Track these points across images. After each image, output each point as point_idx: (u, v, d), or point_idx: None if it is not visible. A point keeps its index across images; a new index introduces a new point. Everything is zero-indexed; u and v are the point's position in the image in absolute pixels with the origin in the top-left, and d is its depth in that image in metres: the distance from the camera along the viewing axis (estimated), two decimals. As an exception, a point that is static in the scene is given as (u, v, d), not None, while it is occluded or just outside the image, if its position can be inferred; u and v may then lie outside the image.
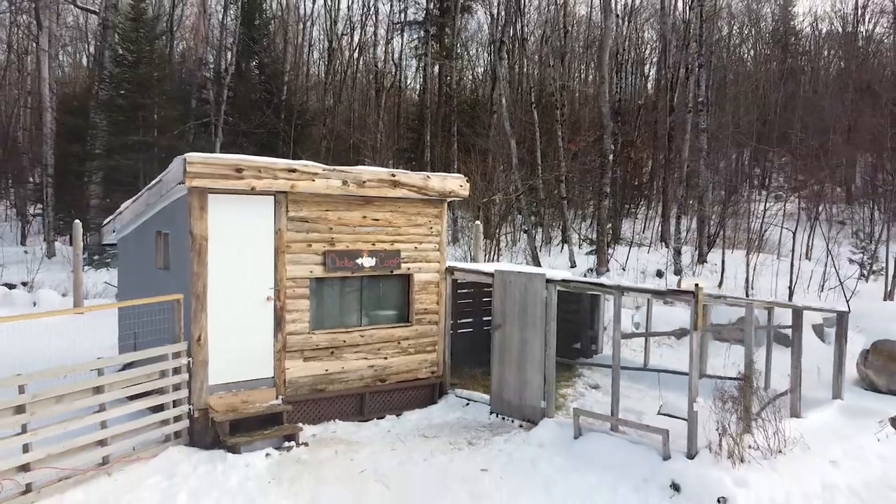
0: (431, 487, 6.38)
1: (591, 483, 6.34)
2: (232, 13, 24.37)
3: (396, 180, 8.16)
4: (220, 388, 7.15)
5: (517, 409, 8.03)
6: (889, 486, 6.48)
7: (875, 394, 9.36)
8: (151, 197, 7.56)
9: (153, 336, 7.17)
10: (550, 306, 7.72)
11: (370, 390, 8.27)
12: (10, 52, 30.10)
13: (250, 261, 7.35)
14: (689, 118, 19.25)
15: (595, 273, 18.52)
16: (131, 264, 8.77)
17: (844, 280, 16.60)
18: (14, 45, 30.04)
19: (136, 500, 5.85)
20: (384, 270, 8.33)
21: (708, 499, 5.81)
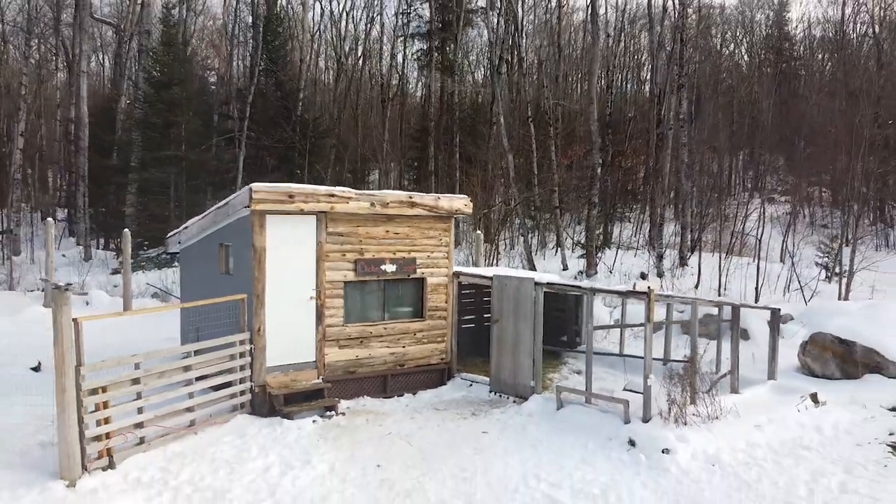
0: (443, 445, 8.14)
1: (569, 442, 8.10)
2: (248, 28, 26.17)
3: (413, 201, 9.93)
4: (274, 369, 8.91)
5: (511, 387, 9.79)
6: (801, 446, 8.21)
7: (811, 378, 11.08)
8: (218, 216, 9.33)
9: (215, 329, 8.92)
10: (538, 304, 9.48)
11: (391, 373, 10.04)
12: (40, 67, 31.88)
13: (297, 267, 9.11)
14: (670, 134, 20.95)
15: (584, 275, 20.29)
16: (194, 270, 10.54)
17: (806, 282, 18.39)
18: (39, 60, 31.79)
19: (218, 451, 7.61)
20: (403, 275, 10.09)
21: (655, 450, 7.56)
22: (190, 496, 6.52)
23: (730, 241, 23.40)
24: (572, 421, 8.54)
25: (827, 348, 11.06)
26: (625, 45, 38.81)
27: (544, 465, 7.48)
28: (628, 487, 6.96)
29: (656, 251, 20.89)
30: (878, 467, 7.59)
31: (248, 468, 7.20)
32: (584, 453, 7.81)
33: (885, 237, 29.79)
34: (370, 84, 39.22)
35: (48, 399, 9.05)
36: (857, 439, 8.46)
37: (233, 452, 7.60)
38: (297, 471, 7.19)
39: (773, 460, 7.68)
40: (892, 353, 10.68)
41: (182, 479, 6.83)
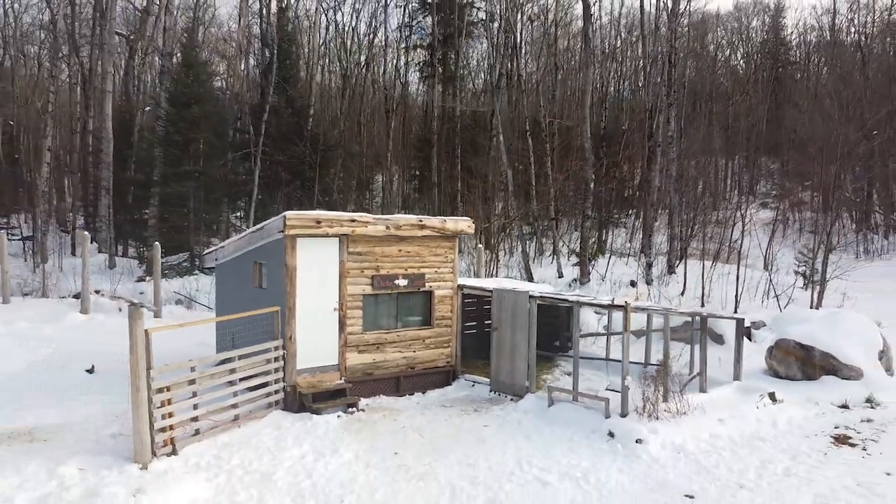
0: (450, 436, 9.45)
1: (557, 433, 9.42)
2: (260, 50, 27.52)
3: (423, 224, 11.25)
4: (303, 371, 10.23)
5: (509, 387, 11.11)
6: (757, 438, 9.52)
7: (776, 379, 12.37)
8: (254, 238, 10.66)
9: (248, 336, 10.23)
10: (532, 315, 10.80)
11: (404, 374, 11.36)
12: (57, 82, 33.18)
13: (323, 283, 10.42)
14: (659, 151, 22.28)
15: (578, 283, 21.61)
16: (229, 284, 11.85)
17: (784, 290, 19.72)
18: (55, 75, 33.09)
19: (260, 441, 8.92)
20: (413, 288, 11.41)
21: (630, 441, 8.87)
22: (242, 477, 7.84)
23: (717, 249, 24.75)
24: (561, 416, 9.87)
25: (790, 353, 12.37)
26: (622, 52, 40.11)
27: (536, 453, 8.80)
28: (606, 471, 8.28)
29: (646, 260, 22.20)
30: (820, 455, 8.92)
31: (286, 455, 8.52)
32: (571, 443, 9.13)
33: (867, 244, 30.95)
34: (373, 91, 40.45)
35: (107, 397, 10.46)
36: (806, 432, 9.79)
37: (272, 442, 8.92)
38: (327, 457, 8.51)
39: (730, 450, 9.00)
40: (846, 357, 11.97)
41: (233, 464, 8.15)
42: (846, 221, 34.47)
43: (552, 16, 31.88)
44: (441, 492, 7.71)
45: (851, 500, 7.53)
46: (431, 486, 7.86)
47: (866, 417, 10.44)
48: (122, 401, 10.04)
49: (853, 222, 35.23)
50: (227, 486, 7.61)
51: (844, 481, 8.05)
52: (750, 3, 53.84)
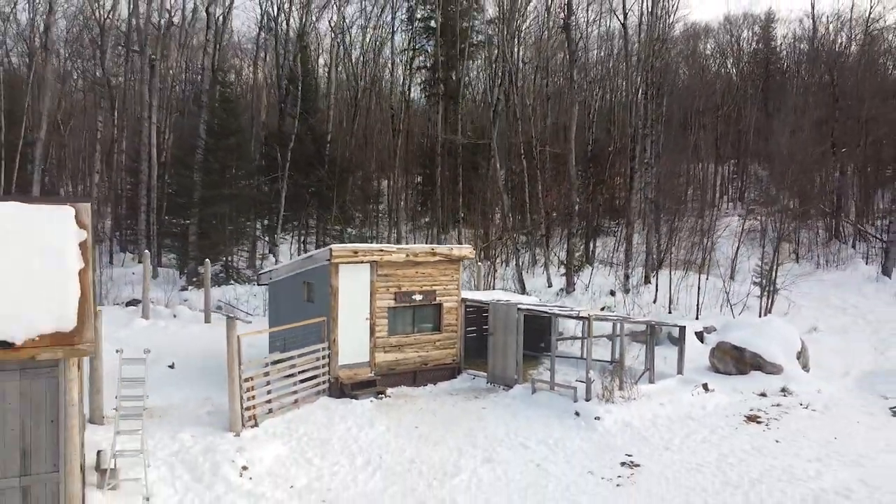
0: (457, 415, 12.39)
1: (537, 413, 12.35)
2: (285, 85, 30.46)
3: (434, 251, 14.21)
4: (344, 367, 13.17)
5: (502, 379, 14.05)
6: (687, 417, 12.44)
7: (716, 374, 15.25)
8: (304, 263, 13.61)
9: (297, 340, 13.14)
10: (519, 323, 13.74)
11: (419, 370, 14.29)
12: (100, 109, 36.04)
13: (358, 298, 13.36)
14: (637, 177, 25.19)
15: (565, 292, 24.56)
16: (282, 299, 14.78)
17: (741, 299, 22.64)
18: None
19: (316, 418, 11.83)
20: (426, 302, 14.34)
21: (590, 418, 11.79)
22: (307, 442, 10.77)
23: (690, 260, 27.72)
24: (541, 401, 12.82)
25: (727, 353, 15.32)
26: (613, 70, 42.77)
27: (521, 427, 11.74)
28: (571, 439, 11.21)
29: (624, 272, 25.16)
30: (731, 429, 11.88)
31: (336, 428, 11.46)
32: (547, 420, 12.07)
33: (828, 256, 33.57)
34: (378, 106, 43.09)
35: (190, 387, 13.34)
36: (727, 413, 12.74)
37: (324, 419, 11.85)
38: (366, 430, 11.45)
39: (665, 425, 11.95)
40: (770, 356, 14.91)
41: (300, 433, 11.09)
42: (821, 231, 37.08)
43: (543, 50, 34.76)
44: (451, 452, 10.65)
45: (743, 457, 10.49)
46: (444, 448, 10.81)
47: (777, 403, 13.40)
48: (203, 390, 13.03)
49: (826, 231, 37.93)
50: (298, 447, 10.55)
51: (743, 446, 11.02)
52: (740, 16, 56.40)
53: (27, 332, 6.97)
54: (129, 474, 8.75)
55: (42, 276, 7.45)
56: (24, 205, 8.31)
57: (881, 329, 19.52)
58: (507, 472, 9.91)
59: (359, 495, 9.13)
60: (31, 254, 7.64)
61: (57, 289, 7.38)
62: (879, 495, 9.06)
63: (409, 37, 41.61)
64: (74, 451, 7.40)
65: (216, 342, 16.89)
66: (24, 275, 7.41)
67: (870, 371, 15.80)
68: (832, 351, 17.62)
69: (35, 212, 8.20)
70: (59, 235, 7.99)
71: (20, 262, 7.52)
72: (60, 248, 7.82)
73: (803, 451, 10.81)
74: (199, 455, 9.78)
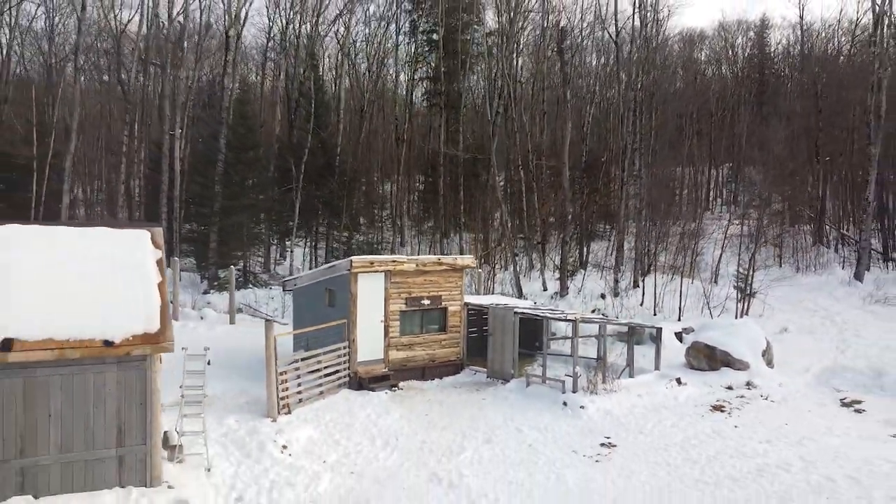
0: (460, 405, 14.18)
1: (531, 403, 14.13)
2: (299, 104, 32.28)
3: (440, 261, 16.01)
4: (362, 363, 14.96)
5: (500, 374, 15.84)
6: (661, 406, 14.21)
7: (690, 370, 16.95)
8: (326, 272, 15.41)
9: (319, 340, 14.93)
10: (515, 325, 15.53)
11: (427, 366, 16.09)
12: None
13: (373, 303, 15.15)
14: (625, 189, 27.00)
15: (559, 295, 26.35)
16: (305, 304, 16.57)
17: (721, 302, 24.42)
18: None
19: (339, 406, 13.61)
20: (433, 306, 16.13)
21: (576, 407, 13.57)
22: (334, 426, 12.55)
23: (677, 264, 29.49)
24: (534, 392, 14.62)
25: (700, 351, 17.07)
26: (608, 79, 44.43)
27: (516, 415, 13.53)
28: (559, 424, 12.99)
29: (614, 276, 26.97)
30: (698, 416, 13.67)
31: (358, 415, 13.25)
32: (539, 409, 13.85)
33: (800, 261, 35.04)
34: (381, 110, 44.78)
35: (227, 381, 15.10)
36: (696, 403, 14.53)
37: (346, 407, 13.64)
38: (383, 416, 13.24)
39: (641, 413, 13.74)
40: (738, 354, 16.64)
41: (327, 419, 12.87)
42: (807, 236, 38.72)
43: (539, 71, 36.56)
44: (456, 435, 12.44)
45: (704, 439, 12.29)
46: (450, 432, 12.60)
47: (741, 395, 15.19)
48: (238, 383, 14.75)
49: (812, 236, 39.60)
50: (326, 430, 12.35)
51: (706, 430, 12.81)
52: (734, 23, 58.19)
53: (123, 333, 8.79)
54: (192, 450, 10.54)
55: (131, 288, 9.27)
56: (111, 229, 10.11)
57: (845, 330, 21.28)
58: (504, 451, 11.71)
59: (380, 469, 10.93)
60: (121, 269, 9.46)
61: (143, 298, 9.19)
62: (812, 468, 10.84)
63: (412, 49, 43.55)
64: (157, 428, 9.23)
65: (242, 341, 18.73)
66: (116, 287, 9.22)
67: (828, 368, 17.55)
68: (798, 349, 19.36)
69: (120, 235, 10.01)
70: (141, 254, 9.81)
71: (113, 276, 9.34)
72: (142, 264, 9.64)
73: (756, 434, 12.60)
74: (245, 436, 11.57)
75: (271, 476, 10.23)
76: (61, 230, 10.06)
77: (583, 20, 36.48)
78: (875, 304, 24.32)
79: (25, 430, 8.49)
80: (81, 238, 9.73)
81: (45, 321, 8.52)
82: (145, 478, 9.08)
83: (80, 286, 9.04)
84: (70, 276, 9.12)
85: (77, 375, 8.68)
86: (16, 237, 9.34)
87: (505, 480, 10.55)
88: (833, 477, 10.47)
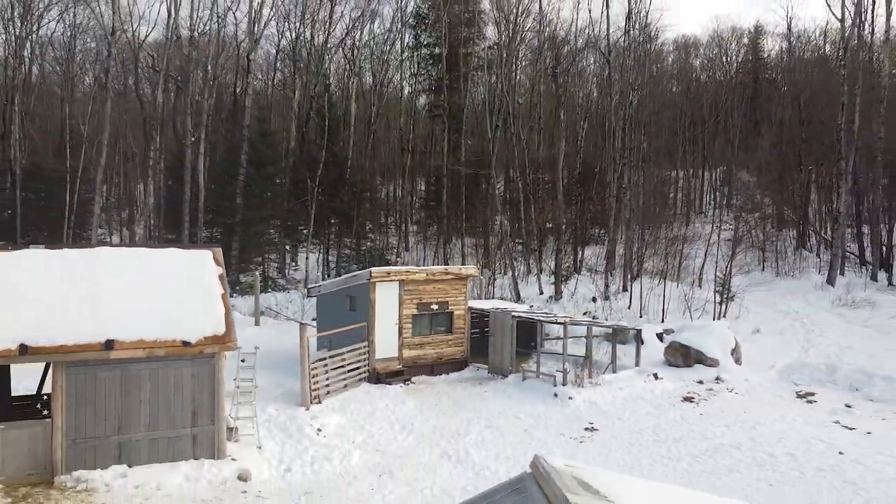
0: (465, 397, 16.30)
1: (526, 394, 16.25)
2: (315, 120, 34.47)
3: (447, 271, 18.13)
4: (379, 360, 17.07)
5: (500, 370, 17.95)
6: (639, 398, 16.31)
7: (668, 367, 19.05)
8: (347, 281, 17.52)
9: (340, 340, 17.04)
10: (513, 327, 17.64)
11: (435, 363, 18.19)
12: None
13: (389, 308, 17.26)
14: (614, 202, 29.08)
15: (554, 299, 28.45)
16: (328, 309, 18.67)
17: (702, 305, 26.51)
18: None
19: (361, 398, 15.72)
20: (441, 310, 18.24)
21: (565, 398, 15.68)
22: (358, 414, 14.66)
23: (664, 267, 31.59)
24: (529, 386, 16.74)
25: (676, 350, 19.20)
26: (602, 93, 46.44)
27: (513, 405, 15.64)
28: (550, 413, 15.10)
29: (604, 281, 29.08)
30: (670, 406, 15.78)
31: (377, 404, 15.37)
32: (533, 400, 15.98)
33: (779, 267, 37.02)
34: (385, 121, 46.82)
35: (262, 376, 17.19)
36: (670, 395, 16.64)
37: (367, 398, 15.75)
38: (399, 406, 15.35)
39: (621, 404, 15.85)
40: (709, 352, 18.75)
41: (352, 408, 14.99)
42: (791, 240, 40.74)
43: (535, 94, 38.74)
44: (462, 422, 14.55)
45: (673, 424, 14.41)
46: (457, 419, 14.72)
47: (710, 388, 17.29)
48: (272, 377, 16.80)
49: (795, 240, 41.61)
50: (352, 417, 14.47)
51: (675, 417, 14.93)
52: (728, 30, 60.00)
53: (197, 335, 10.91)
54: (244, 432, 12.65)
55: (200, 298, 11.39)
56: (181, 250, 12.25)
57: (812, 331, 23.39)
58: (503, 434, 13.83)
59: (400, 448, 13.05)
60: (192, 283, 11.58)
61: (210, 306, 11.32)
62: (759, 448, 12.95)
63: (415, 63, 45.73)
64: (222, 412, 11.35)
65: (269, 341, 20.81)
66: (190, 298, 11.35)
67: (790, 364, 19.62)
68: (768, 348, 21.47)
69: (189, 255, 12.14)
70: (206, 271, 11.93)
71: (186, 289, 11.47)
72: (209, 279, 11.76)
73: (717, 420, 14.72)
74: (285, 421, 13.69)
75: (311, 453, 12.34)
76: (143, 251, 12.21)
77: (577, 39, 38.51)
78: (843, 306, 26.39)
79: (122, 412, 10.61)
80: (159, 257, 11.85)
81: (136, 326, 10.64)
82: (213, 452, 11.19)
83: (161, 297, 11.16)
84: (153, 288, 11.24)
85: (161, 369, 10.80)
86: (109, 258, 11.46)
87: (503, 457, 12.66)
88: (775, 454, 12.58)
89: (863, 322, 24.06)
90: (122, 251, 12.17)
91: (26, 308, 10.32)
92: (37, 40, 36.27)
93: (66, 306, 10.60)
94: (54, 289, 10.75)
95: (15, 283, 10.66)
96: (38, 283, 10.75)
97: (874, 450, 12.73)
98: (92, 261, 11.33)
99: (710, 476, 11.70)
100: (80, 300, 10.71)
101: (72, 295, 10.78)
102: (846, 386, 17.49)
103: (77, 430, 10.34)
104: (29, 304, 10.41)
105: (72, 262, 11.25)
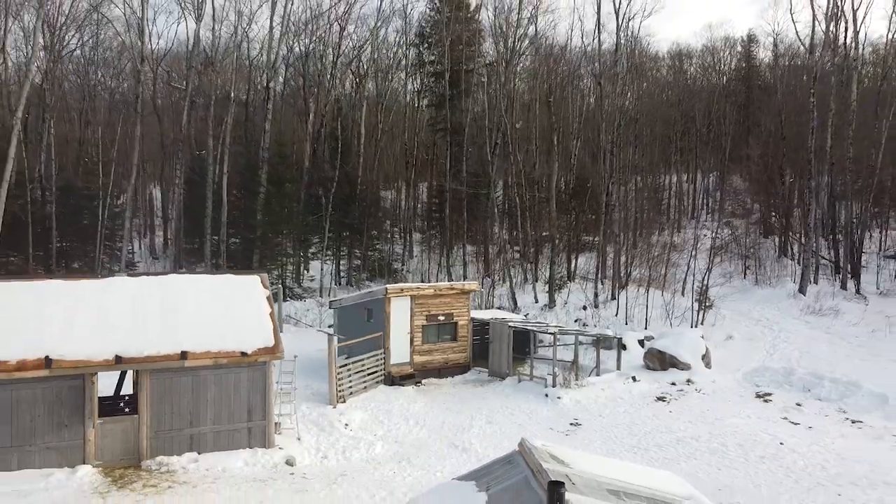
0: (468, 396, 18.74)
1: (521, 395, 18.69)
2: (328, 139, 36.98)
3: (453, 286, 20.60)
4: (394, 365, 19.51)
5: (498, 373, 20.41)
6: (618, 398, 18.72)
7: (647, 370, 21.43)
8: (364, 296, 19.99)
9: (358, 348, 19.48)
10: (509, 335, 20.09)
11: (442, 367, 20.64)
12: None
13: (402, 320, 19.71)
14: (604, 218, 31.51)
15: (548, 307, 30.90)
16: (348, 320, 21.10)
17: (682, 312, 28.93)
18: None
19: (378, 397, 18.14)
20: (447, 321, 20.69)
21: (555, 398, 18.10)
22: (378, 411, 17.09)
23: (651, 277, 34.02)
24: (523, 387, 19.20)
25: (654, 355, 21.64)
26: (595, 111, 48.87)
27: (510, 403, 18.08)
28: (541, 410, 17.53)
29: (594, 291, 31.55)
30: (644, 405, 18.22)
31: (394, 403, 17.81)
32: (527, 399, 18.41)
33: (759, 275, 39.24)
34: (390, 131, 49.22)
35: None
36: (645, 395, 19.08)
37: (384, 398, 18.19)
38: (412, 404, 17.79)
39: (602, 403, 18.30)
40: (682, 357, 21.16)
41: (372, 406, 17.44)
42: (773, 249, 43.01)
43: (531, 120, 41.23)
44: (466, 418, 17.00)
45: (645, 420, 16.86)
46: (462, 416, 17.16)
47: (681, 389, 19.72)
48: (301, 380, 19.27)
49: (776, 249, 43.89)
50: (373, 414, 16.93)
51: (648, 414, 17.38)
52: (721, 39, 62.12)
53: (252, 346, 13.35)
54: (285, 426, 15.10)
55: (253, 316, 13.85)
56: (235, 276, 14.70)
57: (778, 337, 25.80)
58: (501, 428, 16.27)
59: (415, 439, 15.50)
60: (246, 303, 14.03)
61: (261, 323, 13.77)
62: (714, 439, 15.37)
63: (417, 80, 48.27)
64: (271, 410, 13.80)
65: (293, 347, 23.21)
66: (244, 316, 13.80)
67: (755, 368, 22.05)
68: (737, 353, 23.88)
69: (242, 280, 14.59)
70: (255, 293, 14.38)
71: (241, 309, 13.92)
72: (258, 299, 14.21)
73: (683, 417, 17.16)
74: (317, 417, 16.14)
75: (342, 443, 14.80)
76: (204, 276, 14.68)
77: (572, 64, 40.99)
78: (810, 314, 28.75)
79: (193, 410, 13.05)
80: (218, 282, 14.30)
81: (203, 339, 13.08)
82: (265, 442, 13.63)
83: (222, 315, 13.61)
84: (215, 308, 13.69)
85: (224, 375, 13.23)
86: (178, 283, 13.93)
87: (501, 447, 15.04)
88: (727, 444, 15.02)
89: (825, 329, 26.45)
90: (188, 277, 14.64)
91: (117, 325, 12.76)
92: (67, 60, 38.59)
93: (146, 324, 13.04)
94: (137, 309, 13.20)
95: (105, 305, 13.11)
96: (124, 305, 13.19)
97: (810, 441, 15.17)
98: (165, 285, 13.78)
99: (671, 462, 14.14)
100: (158, 318, 13.15)
101: (150, 314, 13.23)
102: (800, 387, 19.88)
103: (158, 424, 12.78)
104: (118, 322, 12.85)
105: (149, 287, 13.70)
